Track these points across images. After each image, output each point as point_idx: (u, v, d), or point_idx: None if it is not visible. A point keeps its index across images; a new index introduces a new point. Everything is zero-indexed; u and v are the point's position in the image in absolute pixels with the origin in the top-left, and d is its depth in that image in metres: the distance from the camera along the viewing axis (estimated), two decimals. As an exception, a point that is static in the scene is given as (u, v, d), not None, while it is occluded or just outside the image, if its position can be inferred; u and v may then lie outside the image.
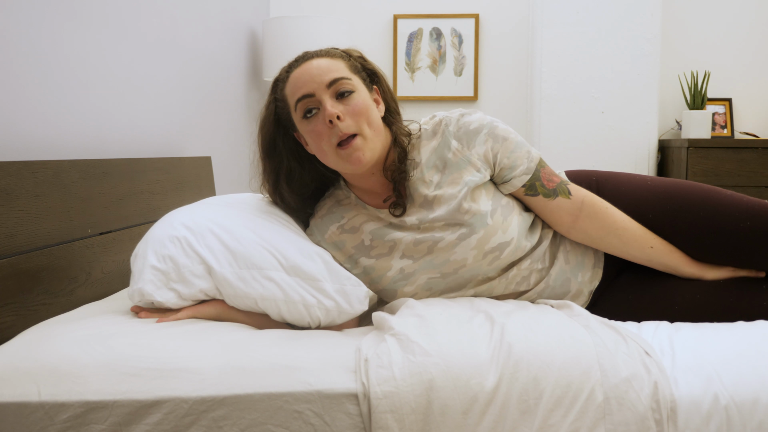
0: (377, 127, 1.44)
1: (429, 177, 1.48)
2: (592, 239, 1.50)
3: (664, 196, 1.50)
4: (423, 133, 1.52)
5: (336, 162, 1.43)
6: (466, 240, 1.44)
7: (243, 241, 1.39)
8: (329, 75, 1.41)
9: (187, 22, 2.60)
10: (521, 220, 1.50)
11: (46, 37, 1.69)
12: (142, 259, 1.40)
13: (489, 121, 1.50)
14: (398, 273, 1.47)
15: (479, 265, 1.46)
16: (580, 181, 1.58)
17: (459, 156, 1.48)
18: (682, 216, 1.47)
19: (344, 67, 1.44)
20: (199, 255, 1.38)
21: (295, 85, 1.43)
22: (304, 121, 1.43)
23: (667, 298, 1.46)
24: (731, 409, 1.10)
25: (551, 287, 1.50)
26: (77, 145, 1.82)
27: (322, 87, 1.40)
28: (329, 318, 1.39)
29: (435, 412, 1.10)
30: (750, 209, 1.44)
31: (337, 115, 1.38)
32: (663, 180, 1.56)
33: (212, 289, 1.38)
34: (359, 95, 1.42)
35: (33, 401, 1.10)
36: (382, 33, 3.83)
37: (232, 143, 3.13)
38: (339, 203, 1.54)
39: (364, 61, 1.51)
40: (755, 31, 3.68)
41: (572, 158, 3.42)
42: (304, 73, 1.42)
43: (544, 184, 1.49)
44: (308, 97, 1.41)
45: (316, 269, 1.39)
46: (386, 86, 1.53)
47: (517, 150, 1.49)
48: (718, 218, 1.45)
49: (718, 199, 1.47)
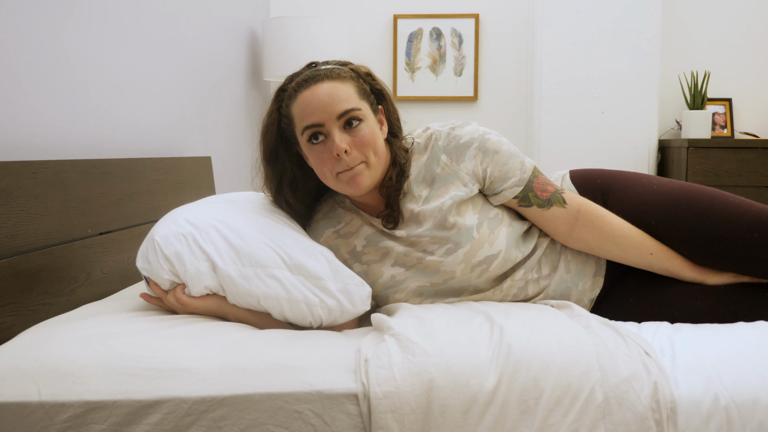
0: (382, 153, 1.44)
1: (417, 192, 1.48)
2: (590, 247, 1.49)
3: (669, 202, 1.48)
4: (415, 147, 1.52)
5: (335, 185, 1.44)
6: (452, 255, 1.44)
7: (247, 239, 1.39)
8: (340, 106, 1.39)
9: (188, 22, 2.60)
10: (510, 231, 1.48)
11: (46, 37, 1.69)
12: (154, 251, 1.40)
13: (480, 133, 1.48)
14: (390, 280, 1.48)
15: (468, 278, 1.46)
16: (585, 182, 1.57)
17: (447, 171, 1.47)
18: (687, 223, 1.45)
19: (354, 93, 1.42)
20: (204, 252, 1.37)
21: (304, 111, 1.40)
22: (309, 145, 1.42)
23: (668, 303, 1.45)
24: (731, 409, 1.10)
25: (551, 296, 1.50)
26: (77, 145, 1.82)
27: (332, 118, 1.39)
28: (331, 317, 1.39)
29: (435, 412, 1.10)
30: (758, 220, 1.41)
31: (345, 150, 1.37)
32: (669, 184, 1.53)
33: (216, 286, 1.38)
34: (367, 125, 1.41)
35: (33, 401, 1.10)
36: (382, 33, 3.83)
37: (232, 143, 3.13)
38: (335, 208, 1.54)
39: (373, 80, 1.49)
40: (755, 31, 3.68)
41: (572, 158, 3.42)
42: (313, 100, 1.39)
43: (537, 195, 1.48)
44: (317, 126, 1.39)
45: (319, 268, 1.39)
46: (391, 105, 1.52)
47: (509, 162, 1.48)
48: (724, 228, 1.42)
49: (726, 207, 1.44)
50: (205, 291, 1.39)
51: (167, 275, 1.38)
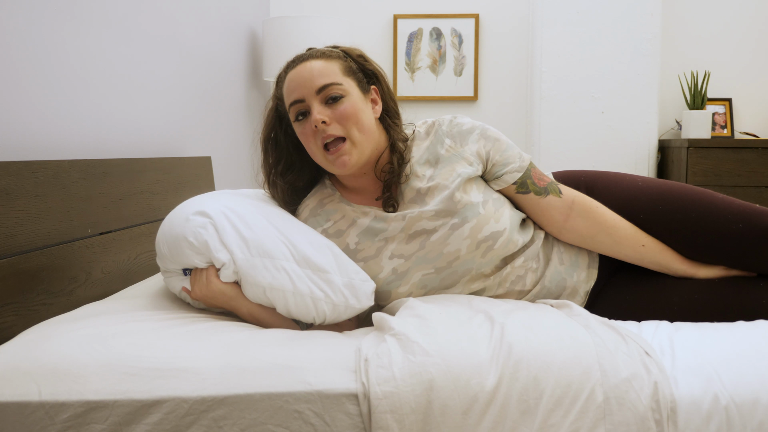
0: (368, 129, 1.46)
1: (421, 172, 1.51)
2: (583, 238, 1.50)
3: (655, 196, 1.51)
4: (416, 135, 1.55)
5: (324, 163, 1.47)
6: (459, 230, 1.45)
7: (255, 229, 1.40)
8: (320, 80, 1.44)
9: (188, 22, 2.60)
10: (513, 214, 1.51)
11: (47, 37, 1.69)
12: (174, 244, 1.39)
13: (480, 124, 1.54)
14: (391, 274, 1.47)
15: (473, 257, 1.46)
16: (568, 181, 1.60)
17: (452, 152, 1.51)
18: (674, 216, 1.48)
19: (338, 70, 1.46)
20: (222, 242, 1.37)
21: (288, 88, 1.47)
22: (296, 123, 1.48)
23: (666, 297, 1.46)
24: (731, 409, 1.10)
25: (547, 288, 1.50)
26: (77, 145, 1.82)
27: (311, 93, 1.44)
28: (336, 313, 1.39)
29: (435, 412, 1.10)
30: (742, 212, 1.45)
31: (323, 120, 1.41)
32: (654, 180, 1.57)
33: (237, 270, 1.38)
34: (349, 100, 1.45)
35: (33, 401, 1.10)
36: (382, 33, 3.83)
37: (232, 143, 3.13)
38: (322, 204, 1.54)
39: (365, 60, 1.53)
40: (755, 31, 3.68)
41: (572, 158, 3.42)
42: (297, 77, 1.46)
43: (535, 182, 1.52)
44: (299, 102, 1.45)
45: (325, 261, 1.39)
46: (386, 86, 1.55)
47: (509, 150, 1.53)
48: (710, 219, 1.46)
49: (711, 200, 1.48)
50: (234, 276, 1.38)
51: (202, 264, 1.39)
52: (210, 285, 1.38)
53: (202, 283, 1.39)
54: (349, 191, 1.55)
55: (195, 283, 1.40)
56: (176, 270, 1.45)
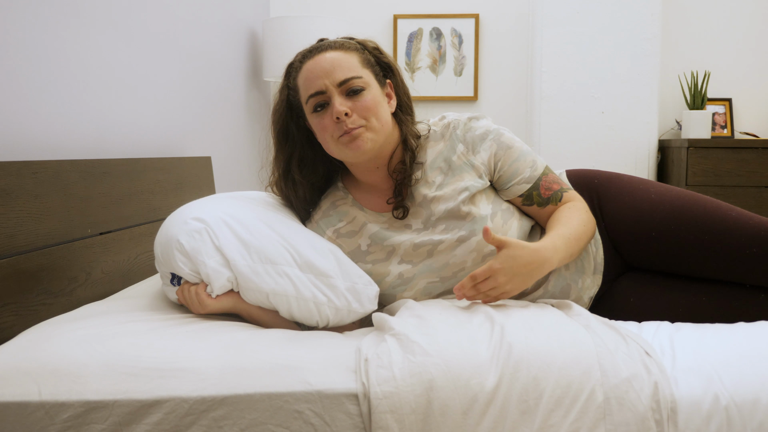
0: (385, 121, 1.45)
1: (432, 178, 1.49)
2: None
3: (668, 214, 1.48)
4: (431, 135, 1.53)
5: (337, 150, 1.44)
6: (466, 242, 1.44)
7: (256, 234, 1.39)
8: (341, 73, 1.42)
9: (188, 22, 2.60)
10: (520, 225, 1.50)
11: (47, 37, 1.69)
12: (170, 253, 1.38)
13: (495, 128, 1.52)
14: (397, 278, 1.47)
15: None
16: (580, 181, 1.58)
17: (463, 159, 1.49)
18: (686, 237, 1.46)
19: (357, 62, 1.44)
20: (217, 248, 1.36)
21: (307, 79, 1.44)
22: (314, 115, 1.44)
23: (670, 301, 1.45)
24: (731, 409, 1.10)
25: (550, 293, 1.50)
26: (77, 145, 1.82)
27: (333, 85, 1.41)
28: (339, 317, 1.39)
29: (435, 412, 1.10)
30: (756, 234, 1.42)
31: (345, 113, 1.39)
32: (667, 193, 1.53)
33: (234, 280, 1.37)
34: (370, 92, 1.43)
35: (33, 401, 1.10)
36: (382, 33, 3.83)
37: (232, 143, 3.13)
38: (334, 205, 1.54)
39: (380, 53, 1.52)
40: (755, 31, 3.68)
41: (572, 158, 3.42)
42: (316, 67, 1.43)
43: (540, 194, 1.51)
44: (319, 93, 1.42)
45: (328, 265, 1.39)
46: (400, 80, 1.54)
47: (521, 159, 1.50)
48: (725, 243, 1.43)
49: (724, 221, 1.45)
50: (228, 285, 1.37)
51: (190, 276, 1.38)
52: (205, 308, 1.38)
53: (196, 306, 1.38)
54: (361, 192, 1.54)
55: (189, 305, 1.40)
56: (165, 274, 1.43)
